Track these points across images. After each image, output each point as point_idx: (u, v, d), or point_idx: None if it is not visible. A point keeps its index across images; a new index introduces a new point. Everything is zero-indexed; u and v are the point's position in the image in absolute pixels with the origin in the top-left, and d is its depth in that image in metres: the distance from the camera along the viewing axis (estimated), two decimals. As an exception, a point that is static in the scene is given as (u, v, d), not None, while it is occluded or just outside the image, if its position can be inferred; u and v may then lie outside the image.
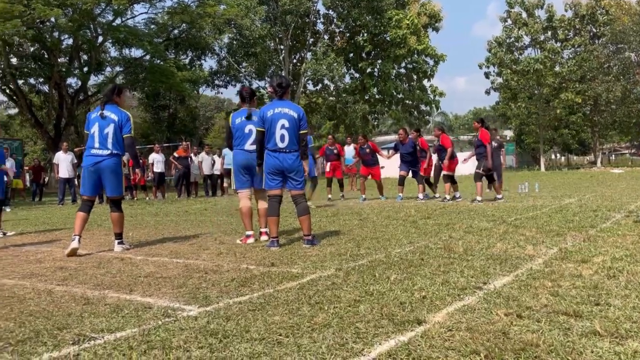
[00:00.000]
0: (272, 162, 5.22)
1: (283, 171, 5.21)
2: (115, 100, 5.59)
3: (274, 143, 5.18)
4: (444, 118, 55.61)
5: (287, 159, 5.19)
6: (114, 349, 2.31)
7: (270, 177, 5.25)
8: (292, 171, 5.23)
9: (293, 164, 5.20)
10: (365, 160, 11.89)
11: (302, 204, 5.30)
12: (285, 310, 2.83)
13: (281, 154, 5.18)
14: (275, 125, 5.15)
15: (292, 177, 5.25)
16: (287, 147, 5.18)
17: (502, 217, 6.89)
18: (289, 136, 5.17)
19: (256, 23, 30.31)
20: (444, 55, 35.44)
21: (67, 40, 26.60)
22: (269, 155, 5.23)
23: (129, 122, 5.50)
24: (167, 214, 10.30)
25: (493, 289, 3.10)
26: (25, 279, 4.11)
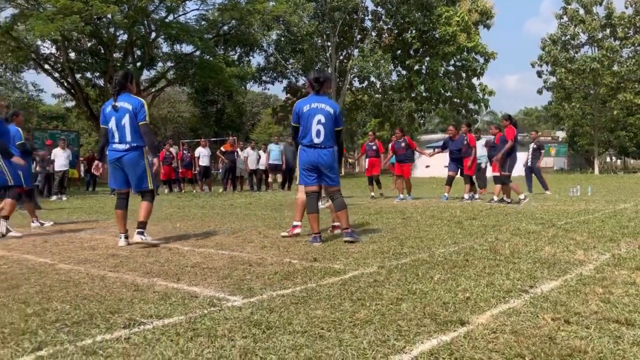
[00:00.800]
0: (307, 158, 5.22)
1: (318, 167, 5.20)
2: (129, 87, 5.36)
3: (310, 138, 5.18)
4: (493, 117, 54.34)
5: (322, 154, 5.18)
6: (162, 335, 2.40)
7: (306, 173, 5.27)
8: (328, 167, 5.22)
9: (328, 159, 5.20)
10: (398, 154, 11.67)
11: (338, 199, 5.32)
12: (327, 305, 2.86)
13: (317, 149, 5.18)
14: (311, 121, 5.14)
15: (327, 174, 5.25)
16: (322, 142, 5.18)
17: (552, 221, 6.70)
18: (325, 132, 5.16)
19: (304, 20, 30.47)
20: (494, 53, 34.63)
21: (122, 35, 27.52)
22: (304, 151, 5.24)
23: (143, 109, 5.23)
24: (213, 207, 10.53)
25: (540, 292, 3.03)
26: (80, 264, 4.30)
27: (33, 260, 4.55)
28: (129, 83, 5.34)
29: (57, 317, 2.71)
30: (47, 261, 4.47)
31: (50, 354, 2.19)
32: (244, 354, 2.14)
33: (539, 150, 13.10)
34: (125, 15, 23.97)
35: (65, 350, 2.23)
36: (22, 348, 2.26)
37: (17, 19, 23.48)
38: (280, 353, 2.15)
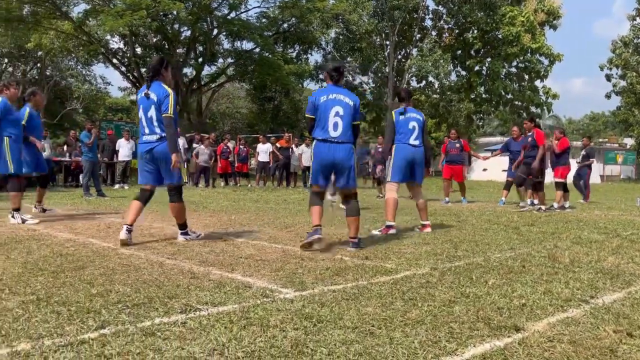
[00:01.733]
0: (322, 155, 4.72)
1: (334, 164, 4.71)
2: (164, 75, 5.01)
3: (326, 131, 4.69)
4: (556, 122, 52.36)
5: (338, 150, 4.68)
6: (216, 321, 2.47)
7: (319, 172, 4.77)
8: (344, 165, 4.71)
9: (345, 156, 4.70)
10: (450, 155, 11.39)
11: (352, 203, 4.84)
12: (379, 302, 2.86)
13: (333, 144, 4.69)
14: (328, 112, 4.68)
15: (342, 173, 4.74)
16: (339, 137, 4.70)
17: (616, 230, 6.39)
18: (343, 125, 4.70)
19: (363, 18, 30.33)
20: (560, 55, 33.29)
21: (186, 32, 28.30)
22: (319, 146, 4.74)
23: (167, 99, 4.83)
24: (267, 201, 10.69)
25: (601, 303, 2.91)
26: (140, 250, 4.49)
27: (97, 244, 4.78)
28: (163, 69, 5.00)
29: (119, 299, 2.85)
30: (110, 245, 4.69)
31: (113, 332, 2.30)
32: (295, 345, 2.18)
33: (587, 157, 12.53)
34: (190, 12, 24.63)
35: (127, 330, 2.33)
36: (87, 325, 2.39)
37: (89, 14, 24.62)
38: (330, 347, 2.17)
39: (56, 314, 2.56)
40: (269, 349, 2.14)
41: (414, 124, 5.95)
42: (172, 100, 4.85)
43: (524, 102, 34.84)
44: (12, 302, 2.76)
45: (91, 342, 2.18)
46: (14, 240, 4.88)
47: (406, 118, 5.94)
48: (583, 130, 65.29)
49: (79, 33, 25.64)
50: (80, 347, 2.12)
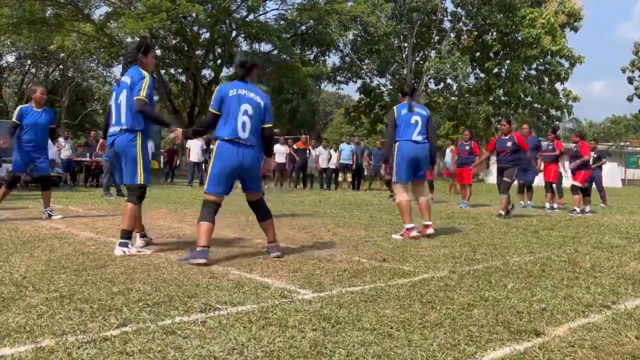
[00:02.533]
0: (228, 156, 4.12)
1: (241, 168, 4.17)
2: (142, 61, 4.49)
3: (234, 131, 4.12)
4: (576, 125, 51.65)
5: (247, 154, 4.16)
6: (235, 321, 2.49)
7: (221, 175, 4.15)
8: (251, 171, 4.23)
9: (253, 161, 4.21)
10: (460, 157, 11.28)
11: (261, 206, 4.46)
12: (397, 305, 2.85)
13: (241, 147, 4.14)
14: (237, 109, 4.15)
15: (248, 178, 4.29)
16: (248, 139, 4.17)
17: (639, 235, 6.29)
18: (252, 126, 4.18)
19: (382, 20, 30.27)
20: (581, 57, 32.85)
21: (205, 34, 28.54)
22: (224, 147, 4.14)
23: (141, 82, 4.30)
24: (284, 202, 10.73)
25: (623, 309, 2.87)
26: (160, 249, 4.54)
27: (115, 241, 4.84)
28: (141, 54, 4.49)
29: (139, 297, 2.89)
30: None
31: (134, 330, 2.33)
32: (314, 345, 2.19)
33: (599, 159, 12.35)
34: (209, 14, 24.85)
35: (147, 328, 2.37)
36: (109, 323, 2.43)
37: (110, 17, 24.99)
38: (349, 348, 2.18)
39: (79, 311, 2.60)
40: (288, 349, 2.15)
41: (416, 118, 5.77)
42: (147, 84, 4.31)
43: (543, 105, 34.48)
44: (36, 299, 2.81)
45: (113, 339, 2.22)
46: (37, 238, 4.97)
47: (408, 113, 5.78)
48: (604, 133, 64.31)
49: (101, 35, 26.03)
50: (103, 344, 2.16)
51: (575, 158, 9.93)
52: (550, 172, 10.41)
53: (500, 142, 8.56)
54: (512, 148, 8.36)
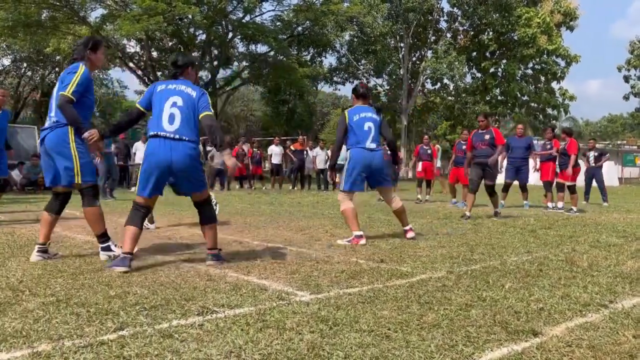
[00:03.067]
0: (156, 153, 3.79)
1: (170, 166, 3.77)
2: (90, 58, 4.19)
3: (159, 125, 3.81)
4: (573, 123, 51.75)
5: (177, 149, 3.76)
6: (233, 324, 2.49)
7: (149, 175, 3.81)
8: (185, 169, 3.82)
9: (185, 157, 3.80)
10: (457, 156, 11.25)
11: (205, 209, 4.07)
12: (394, 306, 2.85)
13: (168, 141, 3.77)
14: (164, 103, 3.84)
15: (182, 176, 3.87)
16: (178, 131, 3.79)
17: (635, 234, 6.30)
18: (183, 118, 3.81)
19: (378, 20, 30.30)
20: (577, 56, 32.93)
21: (201, 35, 28.51)
22: (151, 143, 3.85)
23: (69, 76, 3.96)
24: (282, 204, 10.73)
25: (621, 308, 2.87)
26: (156, 252, 4.53)
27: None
28: (89, 51, 4.16)
29: (136, 301, 2.88)
30: (128, 248, 4.73)
31: (131, 334, 2.33)
32: (312, 348, 2.18)
33: (600, 157, 12.38)
34: (205, 16, 24.84)
35: (145, 331, 2.36)
36: (105, 327, 2.42)
37: (106, 19, 24.95)
38: (346, 350, 2.17)
39: (76, 315, 2.60)
40: (286, 351, 2.15)
41: (369, 124, 5.36)
42: (77, 80, 3.93)
43: (540, 104, 34.55)
44: (33, 303, 2.80)
45: (110, 343, 2.21)
46: (33, 242, 4.94)
47: (361, 118, 5.36)
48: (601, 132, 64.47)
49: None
50: (100, 349, 2.15)
51: (564, 155, 9.94)
52: (548, 171, 10.41)
53: (478, 136, 8.24)
54: (489, 141, 8.01)
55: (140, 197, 3.89)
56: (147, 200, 3.91)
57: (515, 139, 10.68)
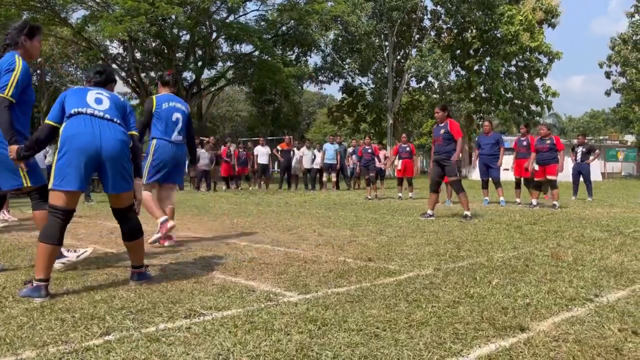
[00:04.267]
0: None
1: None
2: (24, 45, 3.71)
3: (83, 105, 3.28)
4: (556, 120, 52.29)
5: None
6: (221, 326, 2.47)
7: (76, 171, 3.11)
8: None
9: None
10: None
11: (132, 220, 3.42)
12: (383, 304, 2.85)
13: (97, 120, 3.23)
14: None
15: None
16: (104, 111, 3.28)
17: (619, 228, 6.39)
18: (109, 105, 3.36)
19: (362, 19, 30.35)
20: (559, 53, 33.30)
21: (185, 36, 28.36)
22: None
23: (8, 75, 3.52)
24: (269, 204, 10.69)
25: (606, 302, 2.90)
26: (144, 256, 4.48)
27: (100, 249, 4.78)
28: (24, 36, 3.69)
29: (122, 305, 2.85)
30: (113, 251, 4.69)
31: (117, 339, 2.30)
32: (300, 348, 2.17)
33: (588, 153, 12.50)
34: (189, 16, 24.70)
35: (131, 336, 2.33)
36: (91, 332, 2.39)
37: (88, 20, 24.69)
38: (335, 350, 2.17)
39: (60, 321, 2.56)
40: (274, 352, 2.14)
41: (178, 115, 5.02)
42: (16, 77, 3.51)
43: (523, 101, 34.87)
44: (16, 309, 2.76)
45: (96, 348, 2.18)
46: (17, 247, 4.88)
47: (170, 107, 5.01)
48: (583, 127, 65.27)
49: (79, 39, 25.73)
50: (85, 354, 2.12)
51: (551, 151, 9.96)
52: (520, 168, 10.49)
53: (435, 130, 7.80)
54: (445, 136, 7.53)
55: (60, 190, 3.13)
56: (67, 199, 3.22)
57: (484, 136, 10.72)
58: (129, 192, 3.34)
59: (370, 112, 36.77)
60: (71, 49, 27.43)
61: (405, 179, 12.66)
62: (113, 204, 3.35)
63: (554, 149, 9.83)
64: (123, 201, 3.33)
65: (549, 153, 9.82)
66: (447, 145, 7.53)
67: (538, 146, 9.95)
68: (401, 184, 12.71)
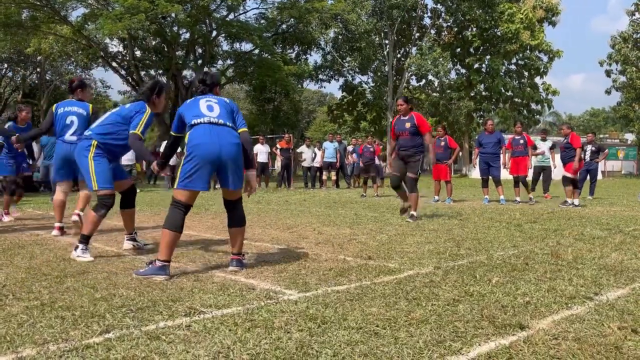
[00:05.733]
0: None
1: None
2: (154, 101, 4.52)
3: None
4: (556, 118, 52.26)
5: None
6: (221, 324, 2.47)
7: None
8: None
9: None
10: (436, 153, 11.06)
11: (239, 210, 3.98)
12: (382, 303, 2.86)
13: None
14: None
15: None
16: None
17: (619, 226, 6.39)
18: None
19: (362, 17, 30.35)
20: (560, 52, 33.27)
21: (185, 34, 28.35)
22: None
23: (138, 116, 4.31)
24: (269, 202, 10.70)
25: (605, 300, 2.90)
26: (143, 253, 4.49)
27: (100, 248, 4.78)
28: (154, 96, 4.50)
29: (123, 303, 2.85)
30: (113, 249, 4.69)
31: (118, 337, 2.30)
32: (300, 346, 2.18)
33: (598, 152, 12.48)
34: (188, 14, 24.69)
35: (131, 334, 2.33)
36: (91, 330, 2.39)
37: (87, 18, 24.66)
38: (335, 348, 2.17)
39: (60, 319, 2.56)
40: (274, 350, 2.14)
41: (72, 118, 5.51)
42: (145, 120, 4.26)
43: (524, 99, 34.86)
44: (17, 307, 2.76)
45: (96, 346, 2.18)
46: (17, 245, 4.88)
47: (65, 112, 5.53)
48: (584, 126, 65.25)
49: (78, 37, 25.70)
50: (86, 352, 2.12)
51: (567, 149, 9.94)
52: (517, 166, 10.51)
53: (399, 123, 7.22)
54: (411, 130, 6.98)
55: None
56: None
57: (485, 134, 10.71)
58: (241, 188, 3.90)
59: (370, 110, 36.77)
60: (71, 47, 27.37)
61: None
62: (227, 196, 3.89)
63: (571, 147, 9.82)
64: (236, 194, 3.87)
65: (566, 152, 9.84)
66: (414, 139, 6.99)
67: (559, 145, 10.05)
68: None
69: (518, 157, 10.61)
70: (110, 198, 4.24)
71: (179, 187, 3.64)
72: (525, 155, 10.68)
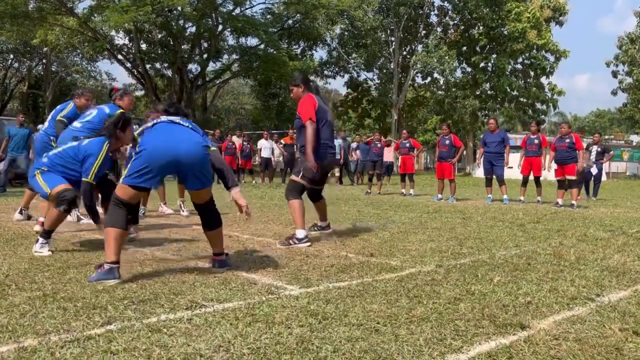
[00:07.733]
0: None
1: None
2: (118, 135, 4.48)
3: None
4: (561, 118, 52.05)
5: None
6: (222, 318, 2.48)
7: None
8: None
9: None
10: (440, 152, 11.05)
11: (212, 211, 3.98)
12: (384, 300, 2.86)
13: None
14: None
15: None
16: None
17: (622, 228, 6.37)
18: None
19: (369, 14, 30.23)
20: (566, 52, 33.08)
21: (191, 28, 28.26)
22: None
23: (91, 159, 4.33)
24: (272, 197, 10.70)
25: (607, 302, 2.90)
26: (145, 246, 4.50)
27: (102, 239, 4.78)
28: (117, 130, 4.44)
29: (124, 295, 2.86)
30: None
31: (119, 328, 2.31)
32: (300, 342, 2.18)
33: (603, 153, 12.41)
34: (195, 8, 24.64)
35: (133, 326, 2.34)
36: (93, 321, 2.41)
37: (94, 10, 24.64)
38: (335, 344, 2.17)
39: (62, 310, 2.57)
40: (274, 345, 2.14)
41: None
42: (98, 162, 4.30)
43: (529, 99, 34.69)
44: (19, 298, 2.77)
45: (97, 338, 2.19)
46: (20, 236, 4.90)
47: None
48: (589, 127, 64.99)
49: (84, 29, 25.69)
50: (87, 343, 2.13)
51: (569, 150, 9.80)
52: (529, 166, 10.42)
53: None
54: (297, 123, 5.33)
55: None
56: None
57: (489, 133, 10.66)
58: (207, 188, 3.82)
59: (375, 107, 36.69)
60: (77, 39, 27.34)
61: (406, 175, 12.58)
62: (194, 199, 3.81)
63: (573, 147, 9.64)
64: (202, 196, 3.81)
65: (568, 152, 9.62)
66: (300, 133, 5.32)
67: (557, 144, 9.80)
68: (404, 180, 12.68)
69: (532, 156, 10.47)
70: (66, 191, 4.10)
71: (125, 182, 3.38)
72: (538, 156, 10.53)
